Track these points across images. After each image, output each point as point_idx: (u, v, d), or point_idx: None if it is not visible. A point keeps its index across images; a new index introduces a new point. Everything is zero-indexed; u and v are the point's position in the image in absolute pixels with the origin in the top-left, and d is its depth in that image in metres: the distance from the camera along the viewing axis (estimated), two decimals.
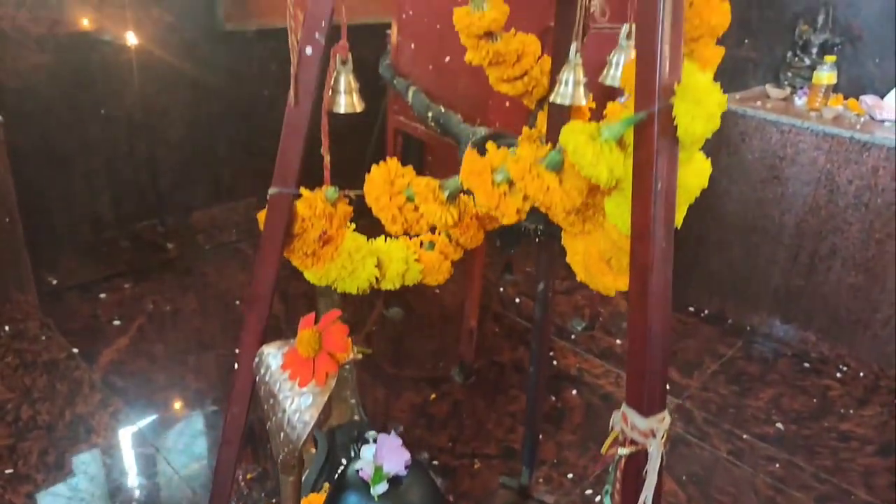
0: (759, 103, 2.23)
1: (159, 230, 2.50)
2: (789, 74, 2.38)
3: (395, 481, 0.94)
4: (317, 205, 0.77)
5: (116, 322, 2.08)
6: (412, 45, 1.86)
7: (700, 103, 0.60)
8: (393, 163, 0.76)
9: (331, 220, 0.79)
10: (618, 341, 2.18)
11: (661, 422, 0.69)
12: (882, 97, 2.22)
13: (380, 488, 0.92)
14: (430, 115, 1.56)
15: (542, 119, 1.06)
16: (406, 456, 0.94)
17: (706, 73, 0.62)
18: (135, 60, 2.26)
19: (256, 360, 0.87)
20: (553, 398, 1.89)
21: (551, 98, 0.83)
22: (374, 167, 0.78)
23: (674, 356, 2.13)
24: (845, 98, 2.26)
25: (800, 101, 2.26)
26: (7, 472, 1.51)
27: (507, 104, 1.64)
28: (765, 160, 2.16)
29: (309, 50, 0.74)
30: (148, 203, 2.46)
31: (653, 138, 0.62)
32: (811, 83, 2.20)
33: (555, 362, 2.04)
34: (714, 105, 0.61)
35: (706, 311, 2.39)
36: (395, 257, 0.94)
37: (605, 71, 0.83)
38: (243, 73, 2.53)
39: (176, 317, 2.13)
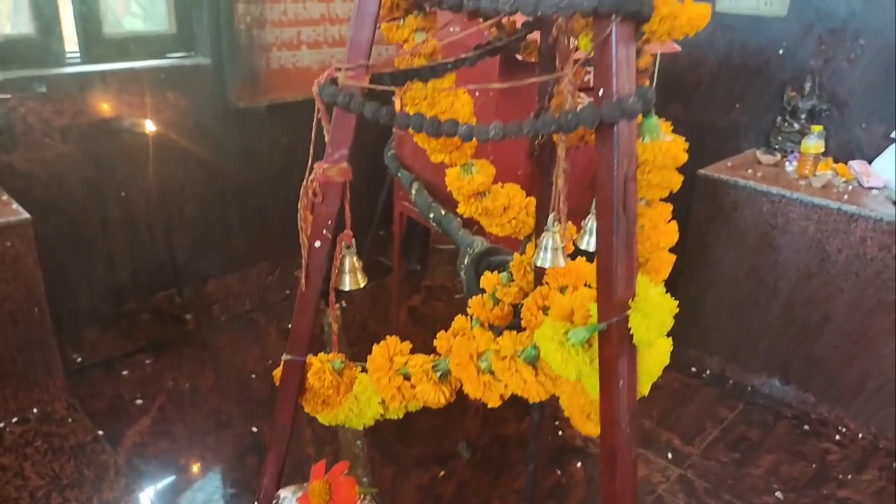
0: (749, 171, 2.33)
1: (177, 301, 2.63)
2: (780, 139, 2.48)
3: None
4: (325, 377, 0.88)
5: (139, 401, 2.20)
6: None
7: (651, 316, 0.71)
8: (392, 341, 0.87)
9: (337, 388, 0.90)
10: None
11: None
12: (870, 161, 2.32)
13: None
14: (431, 215, 1.67)
15: (530, 248, 1.17)
16: None
17: (658, 284, 0.73)
18: (151, 144, 2.40)
19: (274, 502, 0.98)
20: (558, 472, 1.98)
21: (533, 260, 0.93)
22: (375, 347, 0.89)
23: (676, 421, 2.22)
24: (836, 161, 2.36)
25: (790, 166, 2.36)
26: None
27: None
28: (757, 228, 2.26)
29: (318, 244, 0.86)
30: (165, 275, 2.60)
31: (613, 344, 0.73)
32: (800, 151, 2.30)
33: (560, 432, 2.14)
34: (665, 314, 0.72)
35: (708, 372, 2.47)
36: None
37: (579, 236, 0.93)
38: (254, 146, 2.67)
39: (195, 394, 2.25)
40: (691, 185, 2.33)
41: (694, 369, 2.49)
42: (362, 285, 0.91)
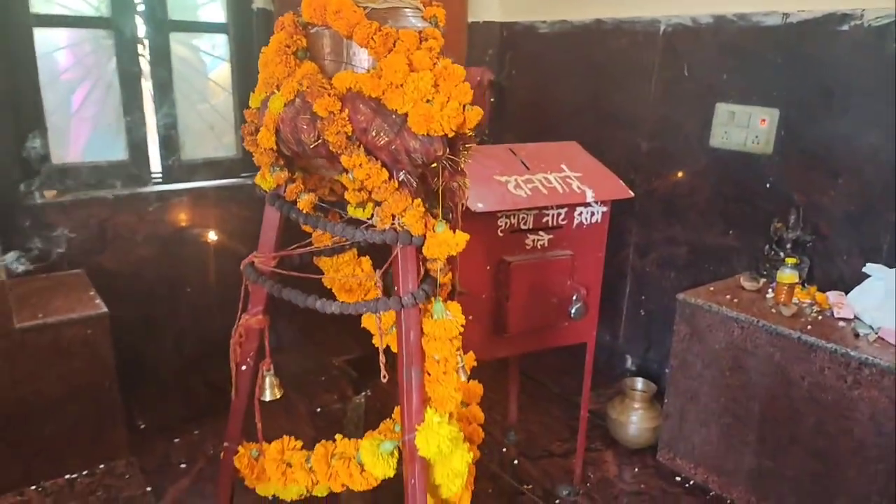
0: (728, 296, 2.60)
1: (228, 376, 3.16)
2: (767, 266, 2.73)
3: None
4: (244, 461, 1.31)
5: (182, 465, 2.70)
6: None
7: (430, 437, 1.09)
8: (286, 440, 1.30)
9: (252, 470, 1.32)
10: None
11: None
12: (847, 293, 2.53)
13: None
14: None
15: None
16: None
17: (442, 415, 1.11)
18: (214, 249, 3.00)
19: None
20: None
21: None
22: (273, 443, 1.31)
23: None
24: (821, 290, 2.59)
25: (771, 293, 2.61)
26: None
27: None
28: (729, 351, 2.52)
29: (244, 367, 1.30)
30: (220, 355, 3.14)
31: (408, 454, 1.11)
32: (776, 281, 2.55)
33: None
34: (442, 437, 1.10)
35: (691, 482, 2.69)
36: (322, 475, 1.46)
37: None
38: None
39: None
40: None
41: (678, 478, 2.71)
42: (279, 396, 1.34)
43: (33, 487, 2.53)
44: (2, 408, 2.41)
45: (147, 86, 2.98)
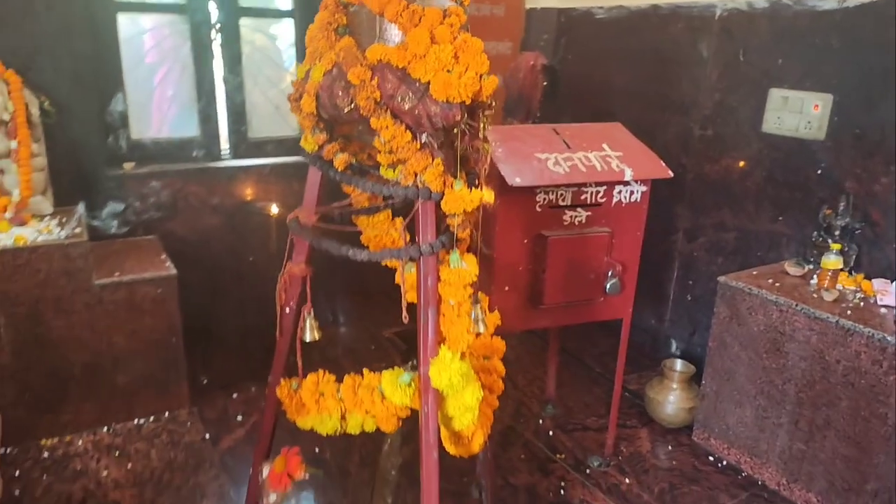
0: (770, 280, 2.64)
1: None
2: (814, 252, 2.75)
3: None
4: (286, 392, 1.48)
5: (239, 417, 2.93)
6: None
7: (442, 370, 1.23)
8: (320, 374, 1.46)
9: (290, 400, 1.50)
10: (626, 480, 2.62)
11: None
12: (893, 281, 2.53)
13: None
14: None
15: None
16: None
17: (455, 352, 1.25)
18: (276, 222, 3.22)
19: (261, 468, 1.58)
20: None
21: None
22: (310, 375, 1.48)
23: (671, 498, 2.54)
24: (868, 278, 2.60)
25: (815, 280, 2.64)
26: None
27: None
28: (768, 334, 2.56)
29: (287, 310, 1.48)
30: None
31: (424, 385, 1.26)
32: (820, 267, 2.58)
33: (562, 492, 2.55)
34: (453, 371, 1.24)
35: (724, 462, 2.75)
36: (355, 413, 1.62)
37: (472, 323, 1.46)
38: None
39: (280, 416, 2.94)
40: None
41: (711, 458, 2.77)
42: (318, 338, 1.51)
43: (106, 429, 2.81)
44: (82, 356, 2.69)
45: (219, 68, 3.22)
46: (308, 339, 1.49)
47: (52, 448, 2.69)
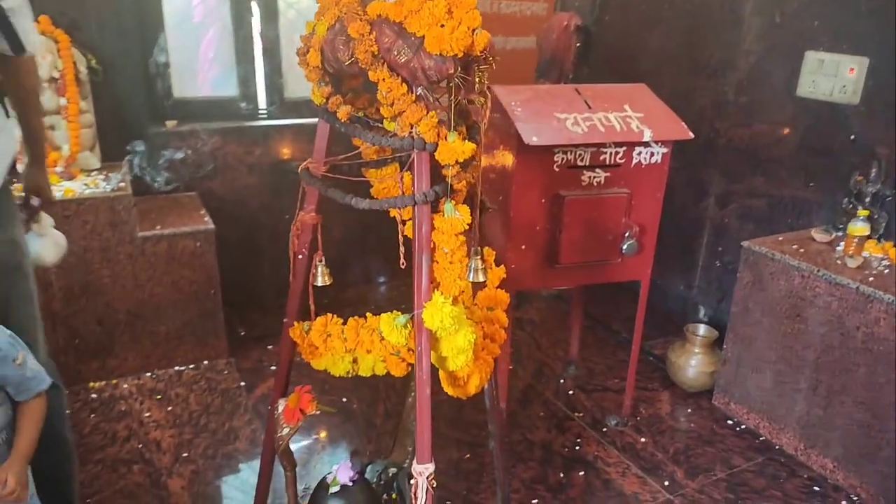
0: (794, 246, 2.64)
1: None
2: (844, 219, 2.73)
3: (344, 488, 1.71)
4: (299, 333, 1.60)
5: (273, 368, 3.10)
6: None
7: (434, 313, 1.32)
8: (328, 317, 1.57)
9: (303, 341, 1.61)
10: (642, 439, 2.69)
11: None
12: None
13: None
14: None
15: None
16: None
17: (447, 297, 1.34)
18: None
19: (276, 405, 1.71)
20: (561, 475, 2.49)
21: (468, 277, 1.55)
22: (318, 319, 1.59)
23: (687, 459, 2.60)
24: None
25: (841, 246, 2.63)
26: (183, 455, 2.53)
27: None
28: (789, 299, 2.57)
29: (300, 257, 1.58)
30: None
31: (417, 327, 1.35)
32: (846, 233, 2.57)
33: (578, 448, 2.63)
34: (445, 315, 1.33)
35: (742, 427, 2.78)
36: (366, 356, 1.73)
37: (468, 272, 1.54)
38: None
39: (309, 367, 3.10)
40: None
41: (730, 422, 2.81)
42: (329, 283, 1.62)
43: (149, 374, 3.01)
44: (127, 304, 2.88)
45: (257, 30, 3.33)
46: (319, 283, 1.60)
47: (100, 391, 2.90)
